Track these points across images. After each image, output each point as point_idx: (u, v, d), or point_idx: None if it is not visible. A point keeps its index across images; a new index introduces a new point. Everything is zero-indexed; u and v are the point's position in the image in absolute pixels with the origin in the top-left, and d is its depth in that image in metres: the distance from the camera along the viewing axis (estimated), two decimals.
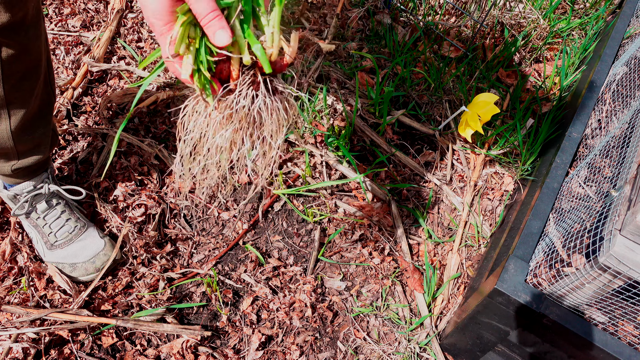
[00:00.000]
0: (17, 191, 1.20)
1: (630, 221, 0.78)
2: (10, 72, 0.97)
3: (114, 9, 1.81)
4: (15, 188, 1.20)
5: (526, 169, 1.52)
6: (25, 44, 0.97)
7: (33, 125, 1.09)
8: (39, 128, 1.12)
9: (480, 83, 1.80)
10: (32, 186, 1.20)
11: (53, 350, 1.14)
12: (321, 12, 1.97)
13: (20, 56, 0.96)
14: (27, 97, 1.04)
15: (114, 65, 1.63)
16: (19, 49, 0.95)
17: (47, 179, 1.23)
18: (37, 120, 1.10)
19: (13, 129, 1.05)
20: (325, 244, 1.42)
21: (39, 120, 1.11)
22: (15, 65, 0.97)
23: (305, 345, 1.25)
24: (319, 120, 1.60)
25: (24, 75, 1.00)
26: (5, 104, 1.00)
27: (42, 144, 1.15)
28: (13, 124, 1.04)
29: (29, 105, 1.05)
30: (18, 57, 0.96)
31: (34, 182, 1.20)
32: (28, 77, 1.02)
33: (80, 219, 1.28)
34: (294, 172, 1.52)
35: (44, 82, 1.08)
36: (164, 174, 1.46)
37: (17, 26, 0.92)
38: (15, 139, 1.07)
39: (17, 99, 1.02)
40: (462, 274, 1.39)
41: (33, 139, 1.11)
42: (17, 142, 1.08)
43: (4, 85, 0.97)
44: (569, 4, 2.11)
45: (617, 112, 1.34)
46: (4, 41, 0.92)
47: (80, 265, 1.22)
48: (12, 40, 0.93)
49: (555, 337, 0.95)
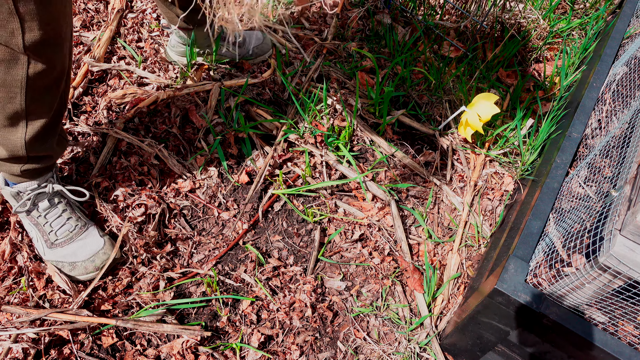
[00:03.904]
0: (20, 189, 1.20)
1: (630, 221, 0.78)
2: (35, 86, 0.99)
3: (114, 8, 1.81)
4: (19, 186, 1.20)
5: (526, 169, 1.52)
6: (52, 60, 0.98)
7: (46, 134, 1.12)
8: (51, 136, 1.15)
9: (480, 83, 1.80)
10: (36, 185, 1.20)
11: (53, 351, 1.14)
12: (321, 12, 1.97)
13: (46, 71, 0.98)
14: (46, 110, 1.07)
15: (114, 65, 1.63)
16: (46, 65, 0.97)
17: (51, 178, 1.23)
18: (50, 130, 1.12)
19: (27, 139, 1.08)
20: (325, 244, 1.42)
21: (52, 130, 1.14)
22: (39, 81, 0.99)
23: (305, 345, 1.25)
24: (319, 120, 1.60)
25: (46, 89, 1.03)
26: (25, 115, 1.03)
27: (52, 149, 1.18)
28: (28, 134, 1.07)
29: (47, 116, 1.08)
30: (44, 72, 0.98)
31: (38, 181, 1.21)
32: (49, 91, 1.04)
33: (81, 218, 1.28)
34: (294, 172, 1.52)
35: (62, 93, 1.10)
36: (164, 174, 1.46)
37: (49, 43, 0.94)
38: (28, 147, 1.10)
39: (37, 110, 1.05)
40: (462, 274, 1.39)
41: (45, 146, 1.14)
42: (30, 150, 1.11)
43: (27, 99, 1.00)
44: (569, 4, 2.11)
45: (617, 112, 1.34)
46: (34, 57, 0.94)
47: (79, 264, 1.22)
48: (41, 56, 0.95)
49: (555, 337, 0.95)
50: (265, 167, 1.49)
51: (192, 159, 1.48)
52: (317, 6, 1.99)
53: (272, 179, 1.50)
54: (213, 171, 1.48)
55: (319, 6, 1.98)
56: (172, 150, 1.50)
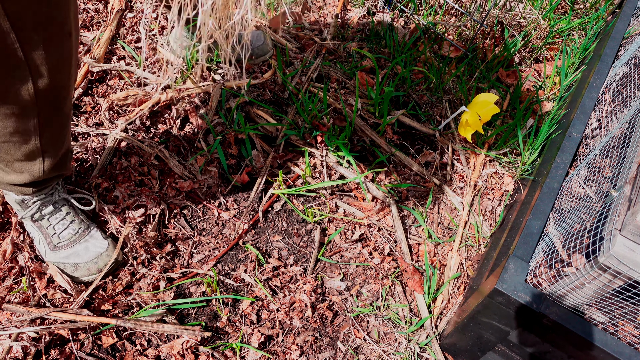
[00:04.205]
0: (25, 198, 1.19)
1: (630, 221, 0.78)
2: (47, 127, 1.01)
3: (114, 8, 1.81)
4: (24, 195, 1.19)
5: (526, 169, 1.52)
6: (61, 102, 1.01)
7: (63, 160, 1.15)
8: (67, 160, 1.18)
9: (480, 83, 1.80)
10: (43, 195, 1.20)
11: (53, 350, 1.14)
12: (321, 12, 1.97)
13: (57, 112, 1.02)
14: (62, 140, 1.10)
15: (114, 66, 1.63)
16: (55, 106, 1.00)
17: (57, 185, 1.23)
18: (66, 156, 1.16)
19: (46, 169, 1.10)
20: (325, 244, 1.42)
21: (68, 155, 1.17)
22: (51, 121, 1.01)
23: (305, 345, 1.25)
24: (319, 120, 1.60)
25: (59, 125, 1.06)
26: (41, 152, 1.06)
27: (65, 167, 1.20)
28: (47, 165, 1.10)
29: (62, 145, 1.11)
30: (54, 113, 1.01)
31: (45, 191, 1.21)
32: (62, 128, 1.08)
33: (84, 221, 1.28)
34: (294, 172, 1.52)
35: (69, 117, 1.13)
36: (164, 174, 1.46)
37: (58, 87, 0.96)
38: (46, 173, 1.12)
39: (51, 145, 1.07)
40: (462, 274, 1.39)
41: (59, 168, 1.16)
42: (48, 175, 1.13)
43: (42, 139, 1.02)
44: (569, 4, 2.11)
45: (617, 112, 1.34)
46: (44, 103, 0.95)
47: (82, 265, 1.22)
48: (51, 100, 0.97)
49: (555, 337, 0.95)
50: (265, 167, 1.49)
51: (192, 159, 1.48)
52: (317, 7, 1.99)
53: (272, 179, 1.50)
54: (213, 171, 1.48)
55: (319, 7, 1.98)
56: (173, 151, 1.50)
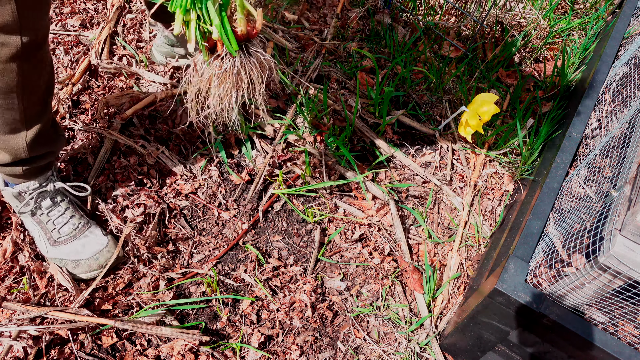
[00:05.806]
0: (22, 189, 1.20)
1: (630, 221, 0.78)
2: (30, 88, 1.01)
3: (113, 6, 1.81)
4: (20, 186, 1.20)
5: (526, 169, 1.52)
6: (44, 59, 1.02)
7: (46, 132, 1.14)
8: (51, 133, 1.16)
9: (480, 83, 1.80)
10: (37, 184, 1.20)
11: (53, 350, 1.14)
12: (321, 12, 1.97)
13: (39, 71, 1.02)
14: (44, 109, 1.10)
15: (113, 64, 1.63)
16: (39, 64, 1.01)
17: (52, 176, 1.23)
18: (49, 127, 1.14)
19: (29, 141, 1.09)
20: (325, 244, 1.42)
21: (51, 126, 1.15)
22: (34, 82, 1.02)
23: (305, 345, 1.25)
24: (319, 120, 1.60)
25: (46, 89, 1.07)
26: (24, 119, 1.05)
27: (53, 147, 1.19)
28: (29, 137, 1.09)
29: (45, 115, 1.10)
30: (37, 72, 1.02)
31: (40, 180, 1.21)
32: (47, 91, 1.08)
33: (84, 217, 1.28)
34: (294, 172, 1.52)
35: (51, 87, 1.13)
36: (164, 174, 1.46)
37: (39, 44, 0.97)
38: (30, 149, 1.11)
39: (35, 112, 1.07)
40: (462, 274, 1.39)
41: (46, 144, 1.15)
42: (32, 151, 1.12)
43: (24, 103, 1.02)
44: (569, 4, 2.11)
45: (617, 112, 1.34)
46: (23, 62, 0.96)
47: (83, 262, 1.22)
48: (28, 61, 0.97)
49: (555, 337, 0.95)
50: (265, 167, 1.49)
51: (194, 156, 1.48)
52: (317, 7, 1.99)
53: (272, 179, 1.50)
54: (213, 171, 1.48)
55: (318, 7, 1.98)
56: (173, 150, 1.50)
